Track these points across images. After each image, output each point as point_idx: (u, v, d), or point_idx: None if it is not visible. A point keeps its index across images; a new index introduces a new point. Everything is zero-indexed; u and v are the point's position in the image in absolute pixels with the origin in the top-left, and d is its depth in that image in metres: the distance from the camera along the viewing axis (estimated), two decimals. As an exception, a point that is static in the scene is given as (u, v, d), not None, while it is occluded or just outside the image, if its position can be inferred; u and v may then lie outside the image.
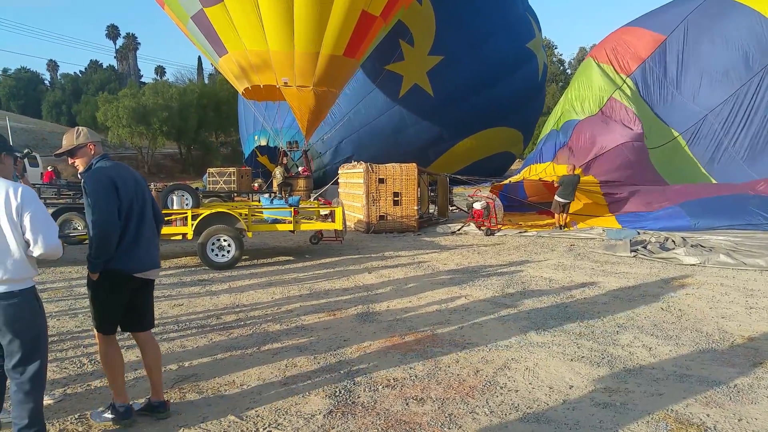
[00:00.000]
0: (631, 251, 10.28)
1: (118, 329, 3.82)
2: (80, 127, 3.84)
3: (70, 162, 3.83)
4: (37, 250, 3.13)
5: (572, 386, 4.34)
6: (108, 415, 3.73)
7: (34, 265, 3.24)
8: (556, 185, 13.50)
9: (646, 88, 15.34)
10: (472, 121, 24.76)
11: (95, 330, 3.78)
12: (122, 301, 3.75)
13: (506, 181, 15.30)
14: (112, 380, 3.77)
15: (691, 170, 14.46)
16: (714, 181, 14.06)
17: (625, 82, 15.28)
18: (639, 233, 11.89)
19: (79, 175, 3.85)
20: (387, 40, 23.12)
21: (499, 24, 24.30)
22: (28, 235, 3.10)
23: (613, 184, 13.86)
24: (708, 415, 3.83)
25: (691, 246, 10.32)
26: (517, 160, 30.77)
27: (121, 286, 3.70)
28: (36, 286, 3.30)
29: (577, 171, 13.51)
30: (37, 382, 3.17)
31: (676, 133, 14.71)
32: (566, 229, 13.48)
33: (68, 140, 3.75)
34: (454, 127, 24.96)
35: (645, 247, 10.45)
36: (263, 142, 27.36)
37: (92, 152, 3.75)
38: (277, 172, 21.28)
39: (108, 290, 3.68)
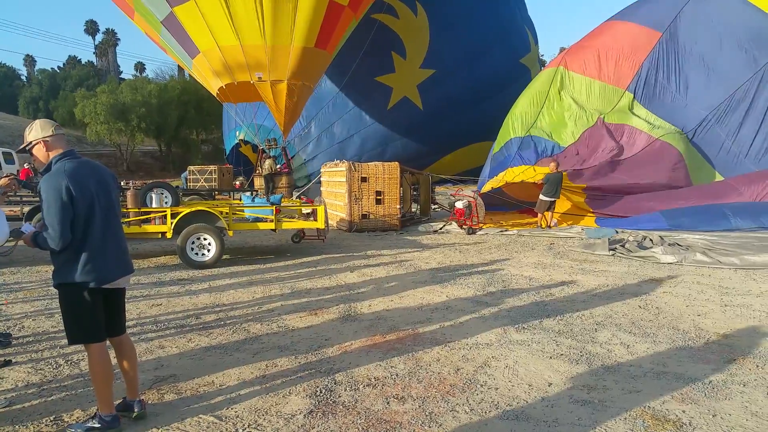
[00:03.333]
0: (610, 250, 10.39)
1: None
2: (35, 121, 3.61)
3: (33, 159, 3.64)
4: None
5: (551, 384, 4.38)
6: (94, 424, 3.58)
7: None
8: (539, 183, 13.52)
9: (645, 91, 14.62)
10: (460, 135, 24.29)
11: (83, 344, 3.61)
12: (100, 305, 3.60)
13: (488, 188, 15.02)
14: (101, 391, 3.59)
15: (702, 169, 13.82)
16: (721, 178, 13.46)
17: (620, 98, 14.61)
18: (617, 232, 12.01)
19: (37, 175, 3.72)
20: (378, 51, 22.78)
21: (495, 38, 23.75)
22: None
23: (598, 190, 13.78)
24: (684, 412, 3.89)
25: (669, 245, 10.45)
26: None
27: (94, 293, 3.53)
28: None
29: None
30: None
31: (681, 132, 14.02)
32: (552, 227, 13.54)
33: (24, 137, 3.59)
34: (442, 142, 24.52)
35: (623, 246, 10.55)
36: (242, 137, 27.14)
37: (45, 149, 3.53)
38: (266, 164, 21.27)
39: (83, 301, 3.50)
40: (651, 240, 10.92)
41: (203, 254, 9.34)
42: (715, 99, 13.91)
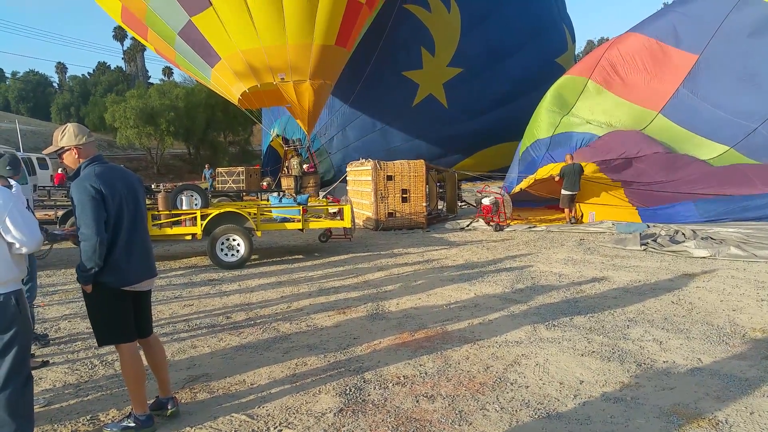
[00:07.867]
0: (641, 245, 10.23)
1: None
2: (69, 125, 3.65)
3: (59, 161, 3.71)
4: (24, 249, 3.09)
5: (583, 381, 4.33)
6: (129, 423, 3.65)
7: (20, 266, 3.16)
8: (556, 178, 13.38)
9: (679, 113, 14.09)
10: (485, 136, 23.50)
11: (114, 345, 3.67)
12: (129, 306, 3.66)
13: (517, 189, 14.82)
14: (134, 391, 3.66)
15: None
16: None
17: (652, 120, 14.16)
18: (648, 226, 11.83)
19: (67, 181, 3.75)
20: (407, 45, 22.43)
21: (528, 37, 22.97)
22: (11, 237, 3.04)
23: (619, 171, 13.40)
24: (719, 409, 3.81)
25: (702, 239, 10.26)
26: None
27: (121, 294, 3.59)
28: (22, 290, 3.20)
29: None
30: (7, 383, 3.06)
31: (726, 148, 13.43)
32: (581, 221, 13.38)
33: (55, 139, 3.61)
34: (466, 141, 23.89)
35: (655, 241, 10.39)
36: (275, 133, 27.21)
37: (77, 155, 3.59)
38: (294, 163, 21.43)
39: (110, 301, 3.57)
40: (683, 234, 10.74)
41: (233, 255, 9.44)
42: (764, 109, 13.28)
